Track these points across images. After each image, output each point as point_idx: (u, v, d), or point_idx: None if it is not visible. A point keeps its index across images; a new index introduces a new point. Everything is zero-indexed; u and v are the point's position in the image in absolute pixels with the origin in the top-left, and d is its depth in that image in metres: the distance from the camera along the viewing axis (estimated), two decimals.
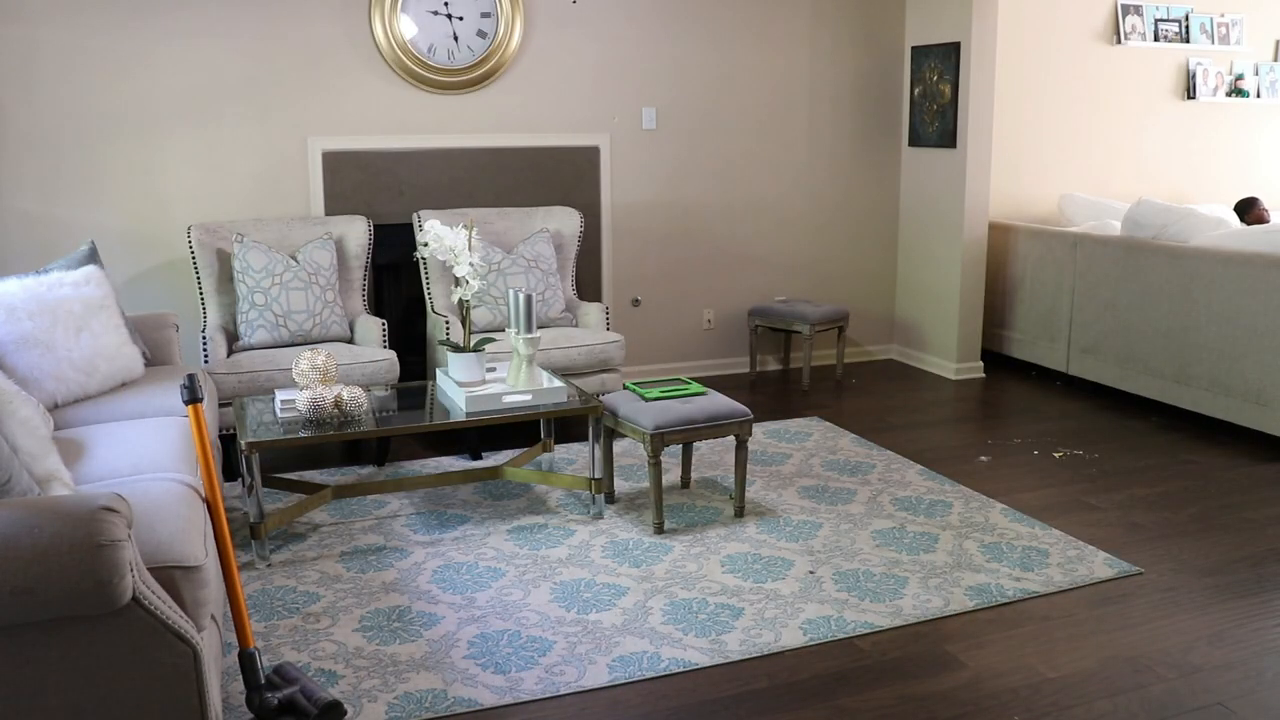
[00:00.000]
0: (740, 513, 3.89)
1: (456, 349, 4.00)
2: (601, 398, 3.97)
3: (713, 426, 3.78)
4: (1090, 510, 3.99)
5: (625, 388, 4.04)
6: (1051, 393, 5.73)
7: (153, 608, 2.06)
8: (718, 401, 3.86)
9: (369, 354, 4.46)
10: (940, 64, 5.88)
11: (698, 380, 5.54)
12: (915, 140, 6.16)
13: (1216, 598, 3.25)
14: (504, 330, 4.79)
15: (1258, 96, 7.12)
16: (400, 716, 2.59)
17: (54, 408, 3.43)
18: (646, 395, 3.85)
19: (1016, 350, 6.16)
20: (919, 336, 6.30)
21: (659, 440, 3.67)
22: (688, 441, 3.95)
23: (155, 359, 4.06)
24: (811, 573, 3.40)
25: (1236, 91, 7.05)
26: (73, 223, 4.82)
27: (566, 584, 3.34)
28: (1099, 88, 6.69)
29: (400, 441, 4.72)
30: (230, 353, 4.48)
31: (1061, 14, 6.50)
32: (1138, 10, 6.68)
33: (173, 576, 2.22)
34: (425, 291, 4.98)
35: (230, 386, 4.22)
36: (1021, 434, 4.96)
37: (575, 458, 4.57)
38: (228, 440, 4.21)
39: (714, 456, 4.56)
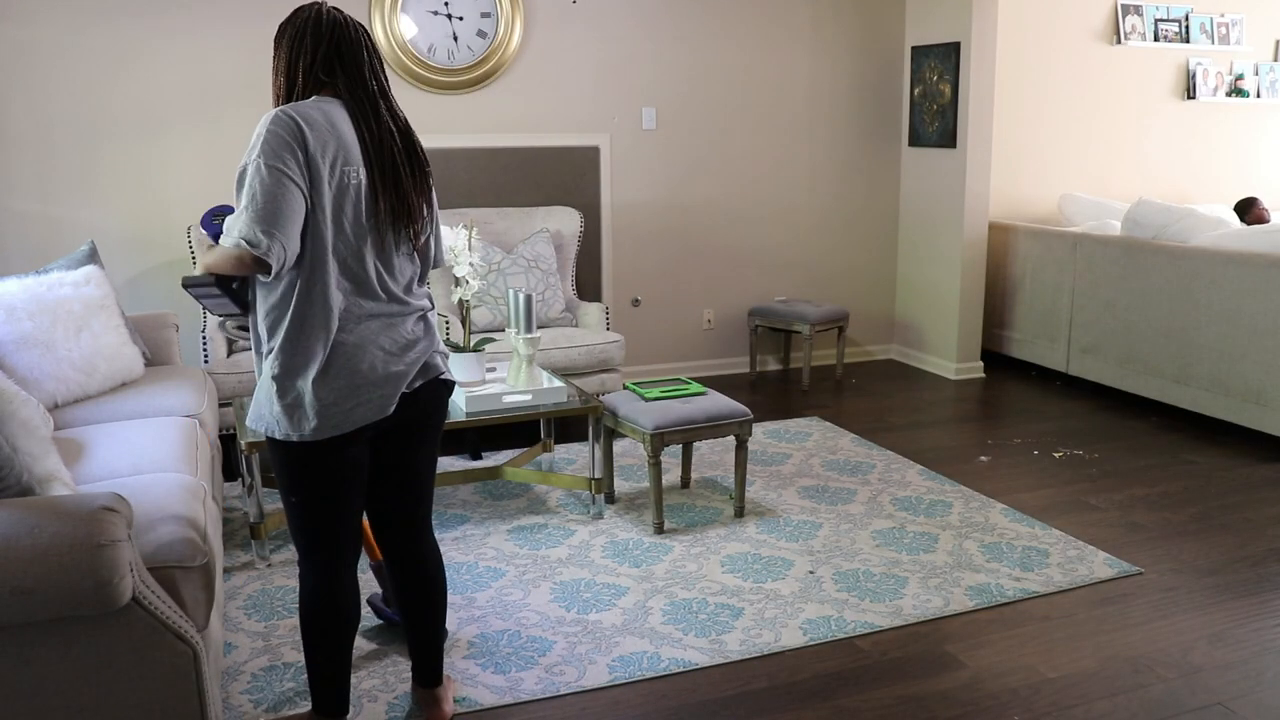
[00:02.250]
0: (740, 513, 3.89)
1: (456, 349, 4.00)
2: (601, 398, 3.98)
3: (713, 426, 3.78)
4: (1090, 510, 3.99)
5: (625, 388, 4.05)
6: (1051, 393, 5.73)
7: (153, 608, 2.06)
8: (718, 401, 3.86)
9: None
10: (940, 64, 5.88)
11: (698, 380, 5.54)
12: (915, 140, 6.16)
13: (1216, 598, 3.25)
14: (504, 330, 4.79)
15: (1258, 96, 7.11)
16: (400, 716, 2.59)
17: (54, 408, 3.43)
18: (646, 395, 3.85)
19: (1016, 350, 6.16)
20: (919, 336, 6.30)
21: (659, 440, 3.67)
22: (688, 441, 3.95)
23: (155, 359, 4.06)
24: (811, 573, 3.40)
25: (1236, 91, 7.05)
26: (72, 223, 4.82)
27: (566, 584, 3.34)
28: (1099, 88, 6.69)
29: None
30: (230, 353, 4.48)
31: (1061, 14, 6.50)
32: (1138, 10, 6.68)
33: (173, 576, 2.21)
34: None
35: (230, 386, 4.22)
36: (1021, 434, 4.96)
37: (575, 458, 4.57)
38: (228, 440, 4.21)
39: (714, 456, 4.56)
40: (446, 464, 4.49)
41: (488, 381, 3.98)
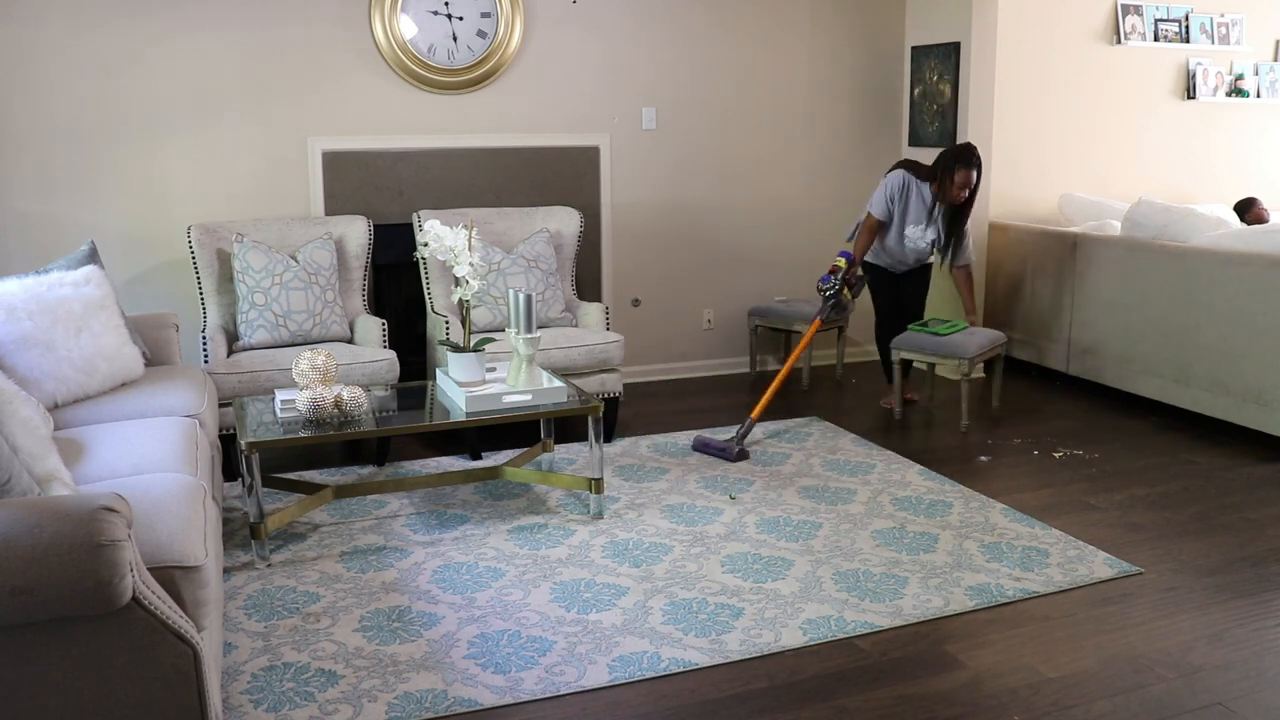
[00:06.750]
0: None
1: (456, 349, 4.00)
2: (893, 342, 5.13)
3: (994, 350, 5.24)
4: (1090, 510, 3.99)
5: (910, 329, 5.14)
6: (1051, 393, 5.73)
7: (153, 608, 2.06)
8: (981, 332, 5.21)
9: (369, 354, 4.46)
10: (940, 64, 5.88)
11: (697, 381, 5.53)
12: (915, 140, 6.16)
13: (1216, 598, 3.25)
14: (504, 330, 4.79)
15: (1258, 96, 7.11)
16: (400, 716, 2.59)
17: (54, 408, 3.43)
18: (940, 331, 5.04)
19: (1016, 350, 6.15)
20: None
21: (972, 363, 4.98)
22: (986, 360, 5.26)
23: (155, 359, 4.06)
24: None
25: (1236, 91, 7.05)
26: (72, 223, 4.82)
27: (566, 584, 3.34)
28: (1099, 88, 6.69)
29: (400, 441, 4.72)
30: (230, 353, 4.48)
31: (1061, 14, 6.49)
32: (1138, 10, 6.68)
33: (173, 576, 2.21)
34: (425, 291, 4.98)
35: (230, 386, 4.22)
36: (1021, 434, 4.96)
37: (575, 458, 4.57)
38: (228, 440, 4.21)
39: (714, 456, 4.56)
40: (447, 464, 4.50)
41: (488, 381, 3.98)
